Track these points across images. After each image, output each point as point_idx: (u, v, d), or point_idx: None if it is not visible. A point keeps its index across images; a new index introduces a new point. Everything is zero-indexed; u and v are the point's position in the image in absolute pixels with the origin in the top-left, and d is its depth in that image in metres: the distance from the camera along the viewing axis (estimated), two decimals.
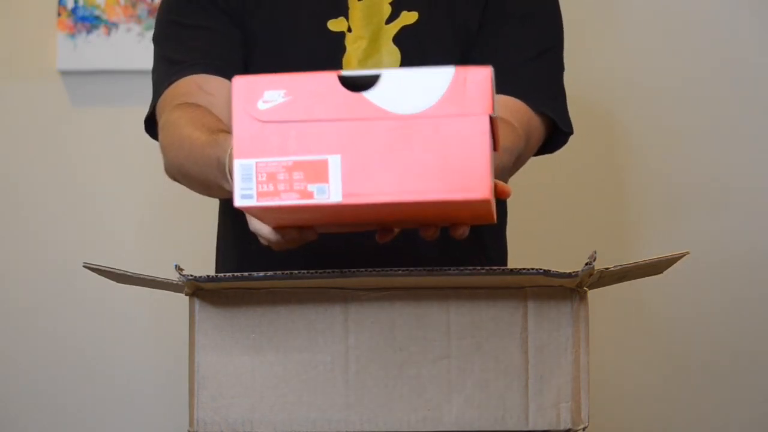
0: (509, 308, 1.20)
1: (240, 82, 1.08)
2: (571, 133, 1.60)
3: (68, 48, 2.39)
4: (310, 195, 1.06)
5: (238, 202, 1.07)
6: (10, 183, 2.42)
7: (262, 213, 1.13)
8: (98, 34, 2.39)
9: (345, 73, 1.07)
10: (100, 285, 2.42)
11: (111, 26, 2.39)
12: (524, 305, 1.20)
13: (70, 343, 2.40)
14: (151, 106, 1.56)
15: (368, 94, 1.06)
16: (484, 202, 1.06)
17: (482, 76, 1.06)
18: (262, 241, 1.19)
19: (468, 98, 1.05)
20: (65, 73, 2.40)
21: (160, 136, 1.50)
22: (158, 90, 1.55)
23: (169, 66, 1.55)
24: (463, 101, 1.05)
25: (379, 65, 1.54)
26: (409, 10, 1.56)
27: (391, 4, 1.56)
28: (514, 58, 1.56)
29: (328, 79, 1.07)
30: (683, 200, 2.40)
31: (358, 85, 1.07)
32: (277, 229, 1.16)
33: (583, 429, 1.19)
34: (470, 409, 1.19)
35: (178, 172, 1.46)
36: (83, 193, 2.41)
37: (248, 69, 1.54)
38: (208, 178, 1.31)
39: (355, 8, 1.55)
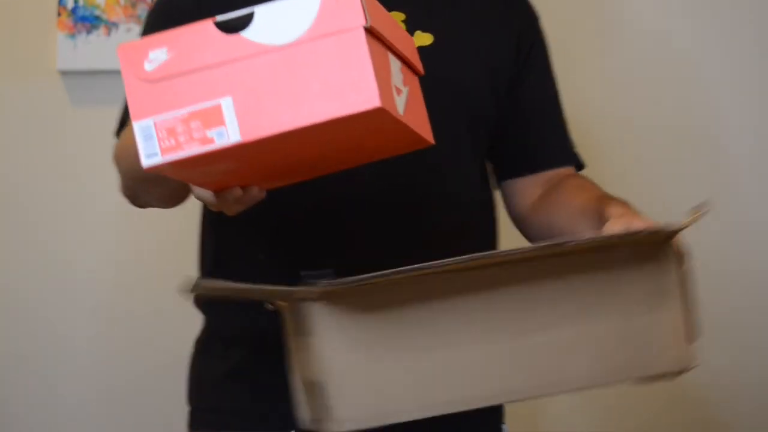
0: (615, 265, 1.23)
1: (123, 48, 1.12)
2: (585, 167, 1.64)
3: (68, 48, 2.38)
4: (211, 141, 1.09)
5: (145, 162, 1.10)
6: (9, 183, 2.41)
7: (180, 171, 1.14)
8: (98, 34, 2.39)
9: (220, 17, 1.10)
10: (100, 285, 2.43)
11: (111, 26, 2.39)
12: (628, 260, 1.24)
13: (69, 342, 2.40)
14: (120, 120, 1.53)
15: (245, 33, 1.09)
16: (379, 112, 1.07)
17: None
18: (211, 207, 1.21)
19: (339, 15, 1.07)
20: (65, 73, 2.40)
21: (113, 156, 1.49)
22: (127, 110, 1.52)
23: None
24: (335, 19, 1.07)
25: None
26: (423, 31, 1.50)
27: (404, 22, 1.49)
28: (548, 118, 1.60)
29: (205, 27, 1.11)
30: (685, 201, 2.40)
31: (235, 26, 1.10)
32: (218, 191, 1.19)
33: (693, 368, 1.25)
34: (595, 363, 1.22)
35: (131, 180, 1.45)
36: (83, 192, 2.41)
37: None
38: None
39: None
